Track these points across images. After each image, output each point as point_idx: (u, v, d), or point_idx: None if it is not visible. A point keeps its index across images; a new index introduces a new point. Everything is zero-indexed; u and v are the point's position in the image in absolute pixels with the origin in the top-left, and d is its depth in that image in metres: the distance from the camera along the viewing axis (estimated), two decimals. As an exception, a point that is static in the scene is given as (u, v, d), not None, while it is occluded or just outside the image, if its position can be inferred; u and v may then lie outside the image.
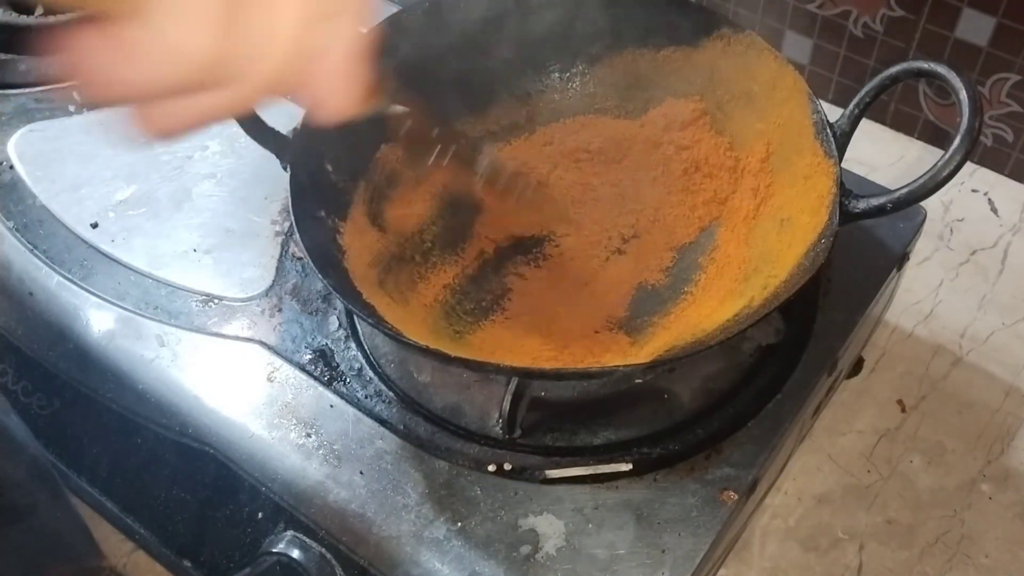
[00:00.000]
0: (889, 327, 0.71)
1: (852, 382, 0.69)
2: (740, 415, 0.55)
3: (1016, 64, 0.73)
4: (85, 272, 0.65)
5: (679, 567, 0.50)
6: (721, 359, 0.58)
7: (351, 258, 0.56)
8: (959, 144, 0.50)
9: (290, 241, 0.65)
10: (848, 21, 0.78)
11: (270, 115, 0.58)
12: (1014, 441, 0.66)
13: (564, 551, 0.51)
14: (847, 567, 0.61)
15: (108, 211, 0.68)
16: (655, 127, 0.66)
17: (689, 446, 0.54)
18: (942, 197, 0.78)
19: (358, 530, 0.53)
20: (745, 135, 0.63)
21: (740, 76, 0.63)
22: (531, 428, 0.55)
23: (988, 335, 0.71)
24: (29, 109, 0.75)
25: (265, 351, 0.60)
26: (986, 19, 0.71)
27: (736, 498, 0.52)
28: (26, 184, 0.70)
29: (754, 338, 0.58)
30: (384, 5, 0.80)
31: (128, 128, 0.28)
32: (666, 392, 0.57)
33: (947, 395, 0.68)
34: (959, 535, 0.62)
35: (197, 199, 0.68)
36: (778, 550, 0.62)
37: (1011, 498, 0.63)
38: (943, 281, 0.74)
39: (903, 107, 0.81)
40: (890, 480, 0.64)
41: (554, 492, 0.53)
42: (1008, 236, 0.76)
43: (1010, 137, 0.77)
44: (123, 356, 0.61)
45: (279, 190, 0.67)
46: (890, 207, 0.52)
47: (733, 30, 0.62)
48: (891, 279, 0.63)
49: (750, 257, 0.58)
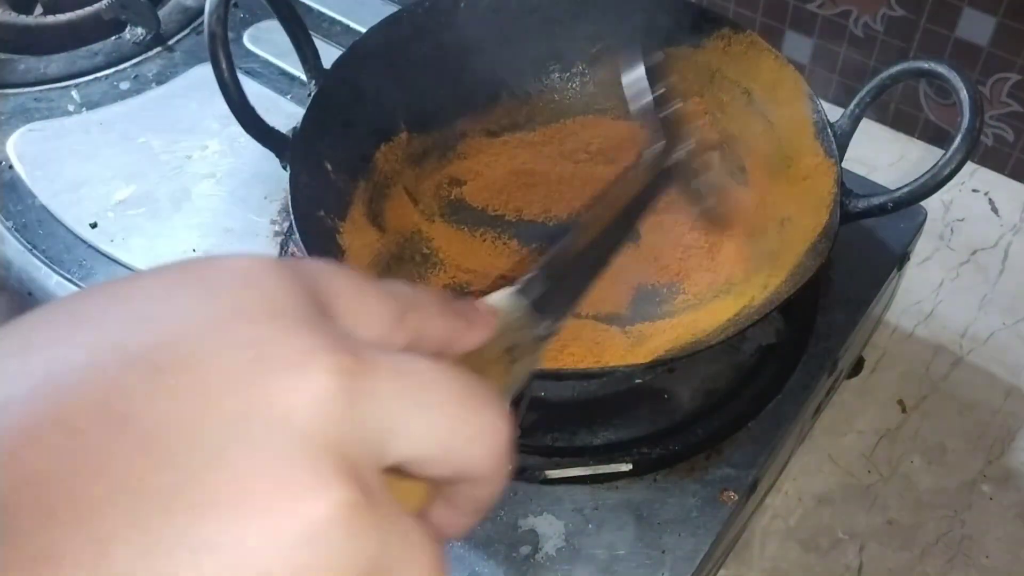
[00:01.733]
0: (889, 327, 0.71)
1: (852, 382, 0.69)
2: (740, 415, 0.55)
3: (1017, 64, 0.72)
4: (84, 272, 0.65)
5: (679, 567, 0.50)
6: (721, 359, 0.58)
7: (351, 258, 0.56)
8: (960, 143, 0.50)
9: (289, 241, 0.65)
10: (848, 21, 0.78)
11: (270, 115, 0.58)
12: (1015, 441, 0.66)
13: (564, 551, 0.51)
14: (847, 567, 0.61)
15: (107, 211, 0.68)
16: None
17: (689, 446, 0.54)
18: (942, 197, 0.78)
19: (358, 530, 0.52)
20: (745, 135, 0.63)
21: (740, 76, 0.63)
22: (531, 428, 0.55)
23: (989, 335, 0.71)
24: (28, 109, 0.75)
25: (264, 351, 0.60)
26: (987, 19, 0.71)
27: (736, 498, 0.52)
28: (25, 184, 0.70)
29: (754, 338, 0.58)
30: (384, 5, 0.80)
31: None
32: (666, 392, 0.57)
33: (948, 395, 0.68)
34: (960, 535, 0.62)
35: (196, 199, 0.68)
36: (778, 550, 0.62)
37: (1012, 498, 0.63)
38: (943, 281, 0.74)
39: (904, 107, 0.81)
40: (890, 480, 0.64)
41: (554, 492, 0.53)
42: (1009, 236, 0.76)
43: (1011, 137, 0.77)
44: (122, 356, 0.61)
45: (278, 190, 0.67)
46: (891, 206, 0.52)
47: (733, 30, 0.62)
48: (891, 279, 0.63)
49: (750, 257, 0.58)
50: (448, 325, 0.27)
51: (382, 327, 0.24)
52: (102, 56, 0.78)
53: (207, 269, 0.22)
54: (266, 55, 0.77)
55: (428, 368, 0.22)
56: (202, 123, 0.73)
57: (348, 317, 0.23)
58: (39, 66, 0.78)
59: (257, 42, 0.78)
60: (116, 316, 0.21)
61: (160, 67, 0.78)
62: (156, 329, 0.20)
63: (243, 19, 0.80)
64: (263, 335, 0.20)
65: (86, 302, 0.21)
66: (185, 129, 0.72)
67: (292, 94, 0.74)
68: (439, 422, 0.22)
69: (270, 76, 0.76)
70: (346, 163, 0.60)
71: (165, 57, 0.79)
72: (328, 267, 0.24)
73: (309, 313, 0.22)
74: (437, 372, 0.22)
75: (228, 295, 0.21)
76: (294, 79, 0.75)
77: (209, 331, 0.20)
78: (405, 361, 0.22)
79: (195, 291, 0.21)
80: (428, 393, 0.22)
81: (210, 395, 0.19)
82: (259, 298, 0.21)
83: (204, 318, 0.21)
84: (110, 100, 0.75)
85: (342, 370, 0.20)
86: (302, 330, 0.21)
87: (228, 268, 0.22)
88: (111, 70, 0.78)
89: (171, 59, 0.78)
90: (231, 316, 0.21)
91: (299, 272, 0.23)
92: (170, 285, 0.22)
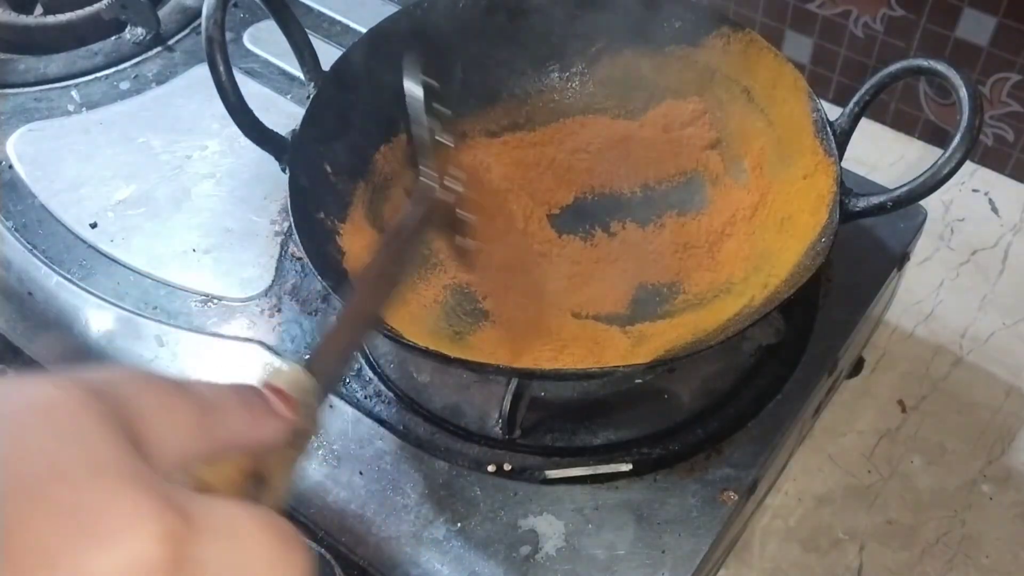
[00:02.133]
0: (889, 327, 0.71)
1: (852, 382, 0.69)
2: (740, 415, 0.55)
3: (1017, 64, 0.72)
4: (84, 272, 0.65)
5: (679, 567, 0.50)
6: (721, 359, 0.58)
7: (350, 259, 0.56)
8: (959, 142, 0.50)
9: (289, 241, 0.65)
10: (848, 21, 0.78)
11: (269, 115, 0.58)
12: (1015, 441, 0.66)
13: (564, 551, 0.51)
14: (847, 568, 0.61)
15: (107, 211, 0.68)
16: (655, 127, 0.66)
17: (689, 446, 0.54)
18: (942, 197, 0.78)
19: (357, 530, 0.52)
20: (745, 134, 0.63)
21: (740, 75, 0.63)
22: (531, 428, 0.55)
23: (989, 335, 0.71)
24: (28, 108, 0.75)
25: (265, 351, 0.60)
26: (987, 19, 0.71)
27: (736, 498, 0.52)
28: (25, 184, 0.70)
29: (754, 338, 0.58)
30: (384, 5, 0.80)
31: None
32: (666, 392, 0.57)
33: (948, 395, 0.68)
34: (960, 535, 0.62)
35: (196, 199, 0.68)
36: (778, 550, 0.61)
37: (1012, 498, 0.63)
38: (944, 281, 0.74)
39: (903, 106, 0.81)
40: (891, 480, 0.64)
41: (554, 492, 0.53)
42: (1008, 236, 0.76)
43: (1011, 137, 0.77)
44: (122, 356, 0.61)
45: (278, 190, 0.67)
46: (890, 205, 0.52)
47: (733, 29, 0.62)
48: (891, 279, 0.63)
49: (750, 256, 0.58)
50: (249, 425, 0.27)
51: (188, 441, 0.25)
52: (102, 56, 0.78)
53: (7, 405, 0.21)
54: (266, 55, 0.77)
55: (244, 523, 0.23)
56: (202, 123, 0.73)
57: (154, 437, 0.23)
58: (39, 66, 0.78)
59: (257, 42, 0.78)
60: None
61: (160, 67, 0.78)
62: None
63: (243, 19, 0.80)
64: (84, 501, 0.20)
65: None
66: (185, 129, 0.72)
67: (292, 94, 0.74)
68: (255, 572, 0.23)
69: (270, 76, 0.76)
70: (346, 164, 0.60)
71: (165, 57, 0.79)
72: (132, 380, 0.24)
73: (127, 463, 0.21)
74: (251, 523, 0.23)
75: (41, 448, 0.20)
76: (294, 79, 0.75)
77: (24, 497, 0.19)
78: (223, 515, 0.23)
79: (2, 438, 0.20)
80: (246, 551, 0.23)
81: (26, 570, 0.19)
82: (76, 452, 0.21)
83: (14, 478, 0.20)
84: (110, 100, 0.75)
85: (168, 536, 0.20)
86: (125, 490, 0.21)
87: (32, 406, 0.21)
88: (111, 70, 0.78)
89: (171, 59, 0.78)
90: (48, 477, 0.20)
91: (106, 401, 0.22)
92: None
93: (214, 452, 0.26)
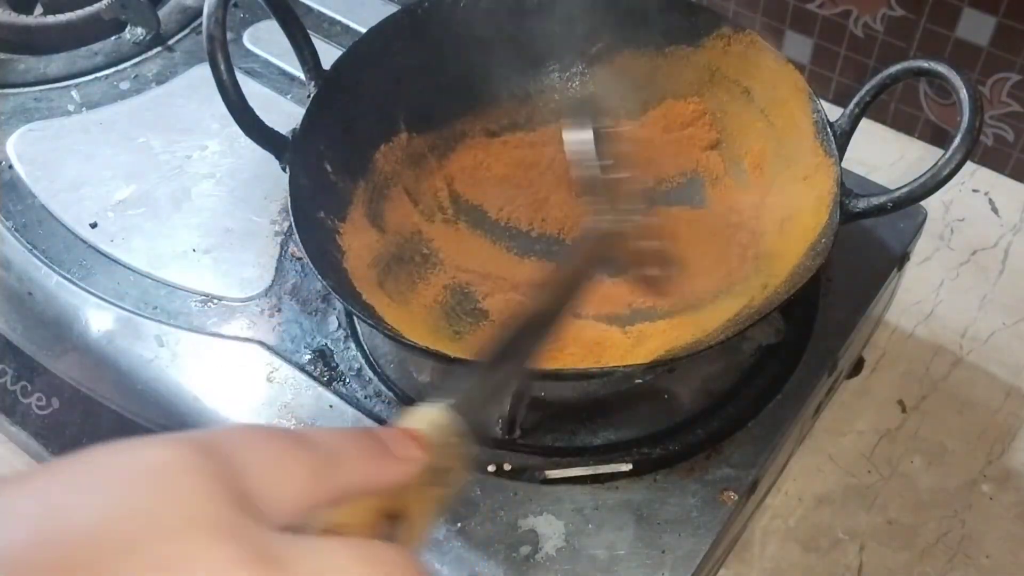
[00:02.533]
0: (889, 327, 0.71)
1: (852, 382, 0.69)
2: (740, 415, 0.55)
3: (1017, 64, 0.72)
4: (84, 272, 0.65)
5: (679, 567, 0.50)
6: (721, 359, 0.58)
7: (351, 259, 0.56)
8: (959, 143, 0.50)
9: (289, 240, 0.65)
10: (848, 21, 0.78)
11: (270, 115, 0.58)
12: (1015, 441, 0.66)
13: (564, 551, 0.51)
14: (848, 568, 0.61)
15: (107, 211, 0.68)
16: (655, 127, 0.66)
17: (689, 446, 0.54)
18: (943, 197, 0.78)
19: (357, 530, 0.52)
20: (745, 135, 0.63)
21: (740, 76, 0.63)
22: (531, 428, 0.55)
23: (989, 335, 0.71)
24: (28, 108, 0.75)
25: (264, 351, 0.60)
26: (987, 19, 0.71)
27: (736, 498, 0.52)
28: (25, 184, 0.70)
29: (754, 338, 0.58)
30: (384, 5, 0.80)
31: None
32: (666, 392, 0.57)
33: (948, 395, 0.68)
34: (960, 535, 0.62)
35: (196, 199, 0.68)
36: (778, 550, 0.62)
37: (1012, 498, 0.63)
38: (944, 281, 0.74)
39: (903, 107, 0.81)
40: (891, 480, 0.64)
41: (554, 492, 0.53)
42: (1009, 236, 0.76)
43: (1011, 137, 0.77)
44: (122, 356, 0.61)
45: (278, 190, 0.67)
46: (891, 206, 0.52)
47: (733, 29, 0.62)
48: (891, 279, 0.63)
49: (750, 257, 0.58)
50: (370, 469, 0.27)
51: (303, 492, 0.25)
52: (102, 56, 0.78)
53: (117, 466, 0.22)
54: (266, 55, 0.77)
55: (339, 561, 0.23)
56: (202, 123, 0.73)
57: (264, 490, 0.23)
58: (39, 66, 0.78)
59: (257, 42, 0.78)
60: (29, 515, 0.20)
61: (160, 67, 0.78)
62: (64, 549, 0.20)
63: (243, 19, 0.80)
64: (176, 553, 0.20)
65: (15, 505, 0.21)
66: (185, 129, 0.72)
67: (292, 94, 0.74)
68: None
69: (270, 76, 0.76)
70: (346, 164, 0.60)
71: (165, 57, 0.79)
72: (243, 437, 0.24)
73: (226, 517, 0.22)
74: (347, 560, 0.23)
75: (146, 507, 0.21)
76: (294, 79, 0.75)
77: (122, 550, 0.20)
78: (318, 557, 0.22)
79: (107, 497, 0.21)
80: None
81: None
82: (174, 507, 0.21)
83: (116, 532, 0.20)
84: (110, 100, 0.75)
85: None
86: (219, 543, 0.21)
87: (141, 465, 0.22)
88: (111, 70, 0.78)
89: (171, 59, 0.78)
90: (146, 530, 0.21)
91: (215, 459, 0.23)
92: (81, 488, 0.21)
93: (334, 499, 0.26)
